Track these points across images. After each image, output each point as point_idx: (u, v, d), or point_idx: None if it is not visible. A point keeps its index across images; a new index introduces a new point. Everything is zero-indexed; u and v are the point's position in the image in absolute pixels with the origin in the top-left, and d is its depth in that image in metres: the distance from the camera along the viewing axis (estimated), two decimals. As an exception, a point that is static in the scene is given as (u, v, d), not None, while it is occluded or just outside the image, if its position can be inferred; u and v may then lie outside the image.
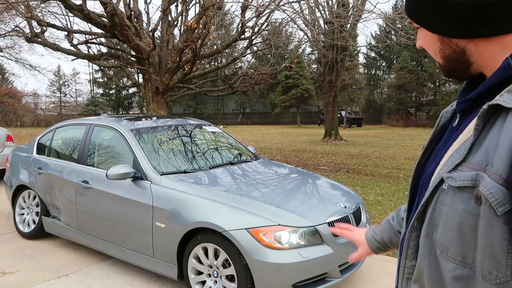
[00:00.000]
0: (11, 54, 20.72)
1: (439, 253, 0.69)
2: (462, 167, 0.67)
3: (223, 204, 2.82)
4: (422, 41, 0.82)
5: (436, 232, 0.70)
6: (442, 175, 0.69)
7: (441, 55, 0.79)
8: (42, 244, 4.23)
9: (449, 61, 0.78)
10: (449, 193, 0.68)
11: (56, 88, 42.99)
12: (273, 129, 30.02)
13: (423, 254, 0.72)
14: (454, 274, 0.66)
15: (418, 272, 0.73)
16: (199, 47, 6.94)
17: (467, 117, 0.77)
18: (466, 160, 0.67)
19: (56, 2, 7.90)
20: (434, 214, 0.70)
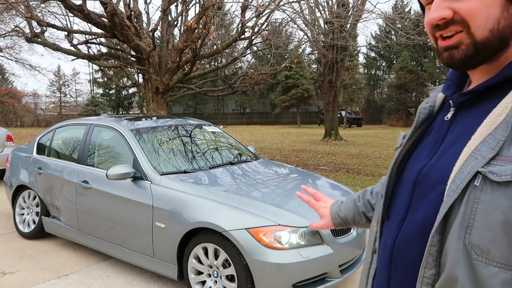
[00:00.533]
0: (11, 54, 20.74)
1: (475, 257, 0.62)
2: (498, 161, 0.62)
3: (223, 204, 2.82)
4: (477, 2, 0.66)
5: (469, 234, 0.63)
6: (478, 169, 0.63)
7: (491, 27, 0.66)
8: (42, 244, 4.23)
9: (494, 38, 0.67)
10: (485, 190, 0.62)
11: (56, 88, 43.00)
12: (273, 129, 30.03)
13: (455, 261, 0.63)
14: (498, 279, 0.60)
15: (449, 281, 0.64)
16: (199, 47, 6.94)
17: (468, 110, 0.74)
18: (500, 154, 0.62)
19: (56, 2, 7.90)
20: (466, 214, 0.63)
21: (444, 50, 0.72)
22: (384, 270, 0.80)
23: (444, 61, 0.73)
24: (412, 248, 0.72)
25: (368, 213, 1.11)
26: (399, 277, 0.75)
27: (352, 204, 1.14)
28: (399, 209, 0.79)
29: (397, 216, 0.79)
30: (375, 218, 0.89)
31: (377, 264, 0.84)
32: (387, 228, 0.82)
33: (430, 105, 0.84)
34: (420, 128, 0.84)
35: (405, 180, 0.80)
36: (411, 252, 0.72)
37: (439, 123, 0.80)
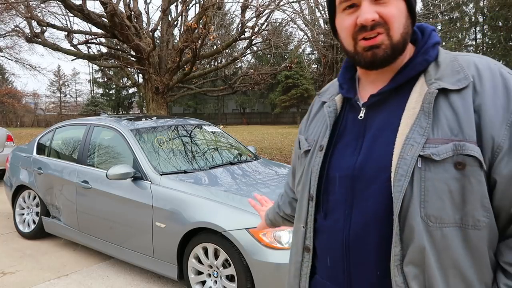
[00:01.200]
0: (11, 54, 20.74)
1: (431, 225, 0.73)
2: (430, 144, 0.74)
3: (223, 204, 2.82)
4: (396, 10, 0.78)
5: (423, 208, 0.73)
6: (420, 153, 0.73)
7: (402, 31, 0.80)
8: (42, 244, 4.23)
9: (402, 41, 0.80)
10: (427, 169, 0.73)
11: (56, 88, 43.02)
12: (273, 129, 30.03)
13: (420, 233, 0.73)
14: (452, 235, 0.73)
15: (418, 251, 0.73)
16: (199, 47, 6.94)
17: (377, 107, 0.84)
18: (429, 138, 0.74)
19: (56, 2, 7.90)
20: (419, 192, 0.73)
21: (367, 50, 0.80)
22: (338, 263, 0.85)
23: (368, 59, 0.81)
24: (371, 235, 0.79)
25: (279, 212, 1.25)
26: (361, 264, 0.81)
27: (273, 206, 1.29)
28: (337, 205, 0.85)
29: (338, 213, 0.85)
30: (301, 220, 0.94)
31: (319, 260, 0.90)
32: (329, 226, 0.87)
33: (333, 108, 0.92)
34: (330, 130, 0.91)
35: (334, 178, 0.86)
36: (370, 239, 0.79)
37: (351, 122, 0.88)
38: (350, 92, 0.91)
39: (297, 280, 0.95)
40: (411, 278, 0.74)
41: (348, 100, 0.92)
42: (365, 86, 0.90)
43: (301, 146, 0.99)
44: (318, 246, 0.90)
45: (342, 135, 0.89)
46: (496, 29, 22.73)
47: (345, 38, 0.84)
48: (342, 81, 0.94)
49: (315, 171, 0.90)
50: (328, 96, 0.98)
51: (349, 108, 0.91)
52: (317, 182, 0.89)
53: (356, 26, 0.80)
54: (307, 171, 0.93)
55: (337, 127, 0.91)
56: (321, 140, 0.92)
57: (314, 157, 0.92)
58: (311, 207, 0.91)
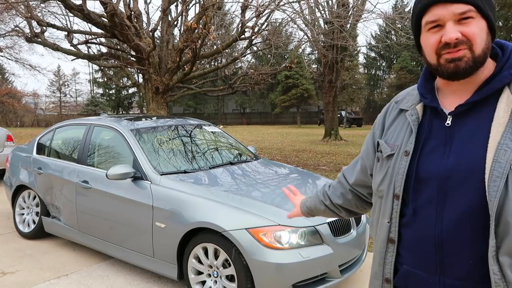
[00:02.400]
0: (11, 54, 20.73)
1: None
2: None
3: (223, 204, 2.82)
4: (477, 29, 0.88)
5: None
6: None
7: (483, 47, 0.90)
8: (42, 244, 4.23)
9: (483, 55, 0.90)
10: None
11: (56, 88, 42.97)
12: (273, 129, 30.02)
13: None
14: None
15: None
16: (199, 47, 6.94)
17: (464, 116, 0.93)
18: None
19: (56, 2, 7.90)
20: (511, 192, 0.83)
21: (450, 62, 0.90)
22: (430, 254, 0.94)
23: (451, 70, 0.91)
24: (463, 229, 0.89)
25: (325, 201, 1.37)
26: (455, 255, 0.91)
27: (315, 195, 1.43)
28: (428, 203, 0.95)
29: (429, 209, 0.94)
30: (385, 216, 1.04)
31: (407, 252, 1.00)
32: (419, 221, 0.96)
33: (416, 117, 1.02)
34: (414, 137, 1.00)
35: (425, 179, 0.95)
36: (463, 232, 0.89)
37: (437, 129, 0.97)
38: (434, 101, 0.99)
39: (381, 267, 1.06)
40: (507, 266, 0.84)
41: (432, 109, 1.01)
42: (447, 95, 1.00)
43: (383, 150, 1.08)
44: (406, 239, 1.00)
45: (427, 141, 0.98)
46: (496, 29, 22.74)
47: (429, 54, 0.95)
48: (423, 91, 1.03)
49: (401, 173, 1.00)
50: (407, 105, 1.07)
51: (433, 116, 1.00)
52: (404, 183, 0.99)
53: (440, 43, 0.91)
54: (392, 173, 1.03)
55: (421, 133, 1.00)
56: (405, 145, 1.01)
57: (399, 161, 1.01)
58: (396, 205, 1.01)
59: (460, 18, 0.88)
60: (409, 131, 1.02)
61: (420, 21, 0.96)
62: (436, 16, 0.91)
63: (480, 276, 0.88)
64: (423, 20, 0.95)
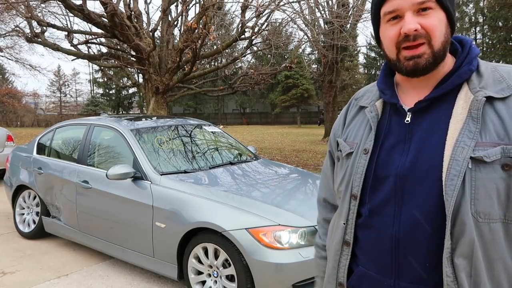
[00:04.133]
0: (11, 54, 20.74)
1: (480, 221, 0.80)
2: (479, 147, 0.81)
3: (223, 204, 2.82)
4: (437, 21, 0.85)
5: (474, 205, 0.80)
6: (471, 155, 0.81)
7: (442, 40, 0.87)
8: (42, 244, 4.23)
9: (443, 49, 0.87)
10: (478, 170, 0.81)
11: (56, 88, 43.01)
12: (273, 129, 30.01)
13: (471, 227, 0.80)
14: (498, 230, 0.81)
15: (468, 244, 0.80)
16: (199, 47, 6.94)
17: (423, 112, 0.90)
18: (478, 141, 0.81)
19: (56, 2, 7.90)
20: (470, 191, 0.81)
21: (409, 59, 0.87)
22: (386, 255, 0.90)
23: (410, 68, 0.88)
24: (421, 229, 0.86)
25: None
26: (410, 256, 0.87)
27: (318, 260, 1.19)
28: (385, 203, 0.91)
29: (387, 209, 0.90)
30: (341, 217, 1.00)
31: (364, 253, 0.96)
32: (376, 222, 0.92)
33: (375, 113, 0.99)
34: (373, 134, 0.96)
35: (383, 178, 0.92)
36: (420, 233, 0.86)
37: (396, 126, 0.94)
38: (393, 97, 0.97)
39: (335, 271, 1.01)
40: (461, 269, 0.81)
41: (390, 105, 0.98)
42: (406, 91, 0.97)
43: (342, 149, 1.04)
44: (363, 240, 0.96)
45: (386, 138, 0.95)
46: (496, 29, 22.72)
47: (388, 47, 0.91)
48: (383, 87, 1.00)
49: (359, 172, 0.96)
50: (367, 101, 1.03)
51: (392, 113, 0.97)
52: (362, 183, 0.95)
53: (399, 36, 0.87)
54: (351, 172, 0.98)
55: (380, 131, 0.97)
56: (364, 143, 0.97)
57: (358, 159, 0.97)
58: (353, 205, 0.97)
59: (419, 8, 0.85)
60: (368, 128, 0.98)
61: (379, 12, 0.93)
62: (394, 6, 0.87)
63: (436, 280, 0.84)
64: (381, 11, 0.92)
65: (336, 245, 1.01)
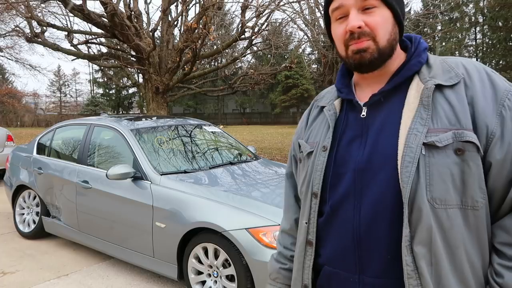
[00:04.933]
0: (11, 54, 20.76)
1: (437, 207, 0.80)
2: (431, 133, 0.82)
3: (223, 204, 2.82)
4: (380, 19, 0.87)
5: (429, 191, 0.80)
6: (424, 141, 0.81)
7: (388, 37, 0.88)
8: (42, 244, 4.23)
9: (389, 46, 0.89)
10: (432, 155, 0.81)
11: (56, 88, 43.03)
12: (273, 129, 30.02)
13: (428, 214, 0.79)
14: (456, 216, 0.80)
15: (426, 231, 0.79)
16: (199, 47, 6.94)
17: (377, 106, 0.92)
18: (429, 128, 0.82)
19: (56, 2, 7.90)
20: (425, 177, 0.80)
21: (356, 53, 0.89)
22: (349, 251, 0.90)
23: (356, 61, 0.90)
24: (380, 221, 0.85)
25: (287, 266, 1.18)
26: (372, 249, 0.87)
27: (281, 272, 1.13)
28: (345, 198, 0.91)
29: (347, 205, 0.90)
30: (304, 217, 1.00)
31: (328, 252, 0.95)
32: (337, 218, 0.92)
33: (333, 112, 1.00)
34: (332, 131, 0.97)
35: (342, 173, 0.92)
36: (380, 225, 0.85)
37: (353, 121, 0.95)
38: (349, 94, 0.98)
39: (300, 272, 1.00)
40: (420, 257, 0.80)
41: (348, 102, 0.99)
42: (363, 89, 0.98)
43: (303, 149, 1.05)
44: (326, 238, 0.96)
45: (344, 134, 0.96)
46: (496, 29, 22.71)
47: (338, 45, 0.94)
48: (340, 86, 1.02)
49: (319, 169, 0.96)
50: (326, 101, 1.05)
51: (349, 109, 0.98)
52: (322, 180, 0.95)
53: (346, 34, 0.89)
54: (311, 171, 0.98)
55: (338, 128, 0.98)
56: (323, 141, 0.98)
57: (317, 157, 0.98)
58: (314, 203, 0.97)
59: (364, 7, 0.87)
60: (327, 127, 0.99)
61: (328, 11, 0.95)
62: (339, 2, 0.90)
63: (399, 272, 0.82)
64: (329, 9, 0.94)
65: (301, 245, 1.00)
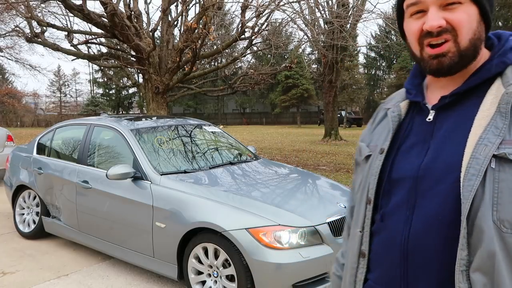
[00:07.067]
0: (11, 54, 20.78)
1: (505, 230, 0.69)
2: (505, 145, 0.71)
3: (223, 204, 2.82)
4: (465, 16, 0.77)
5: (496, 211, 0.69)
6: (495, 153, 0.71)
7: (471, 37, 0.78)
8: (42, 244, 4.23)
9: (471, 47, 0.79)
10: (502, 170, 0.70)
11: (56, 88, 43.03)
12: (273, 129, 30.02)
13: (490, 237, 0.69)
14: None
15: (487, 257, 0.69)
16: (199, 47, 6.94)
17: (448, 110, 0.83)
18: (504, 139, 0.72)
19: (56, 2, 7.90)
20: (491, 193, 0.70)
21: (433, 58, 0.80)
22: (394, 267, 0.81)
23: (434, 67, 0.81)
24: (433, 237, 0.76)
25: None
26: (420, 268, 0.77)
27: (335, 278, 1.11)
28: (398, 207, 0.82)
29: (398, 214, 0.82)
30: (357, 225, 0.92)
31: (373, 265, 0.87)
32: (386, 228, 0.84)
33: (397, 113, 0.92)
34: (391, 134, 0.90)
35: (398, 180, 0.84)
36: (432, 241, 0.76)
37: (418, 125, 0.87)
38: (418, 96, 0.89)
39: (352, 286, 0.92)
40: (479, 285, 0.69)
41: (416, 104, 0.90)
42: (434, 91, 0.88)
43: (362, 152, 0.98)
44: (373, 249, 0.88)
45: (406, 138, 0.87)
46: (496, 29, 22.75)
47: (412, 43, 0.85)
48: (410, 87, 0.93)
49: (374, 174, 0.88)
50: (393, 103, 0.97)
51: (416, 112, 0.89)
52: (376, 185, 0.88)
53: (422, 32, 0.80)
54: (367, 176, 0.91)
55: (401, 131, 0.89)
56: (382, 144, 0.91)
57: (374, 161, 0.90)
58: (368, 210, 0.89)
59: (446, 3, 0.77)
60: (388, 129, 0.92)
61: (402, 4, 0.86)
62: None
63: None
64: (404, 3, 0.85)
65: (353, 257, 0.92)
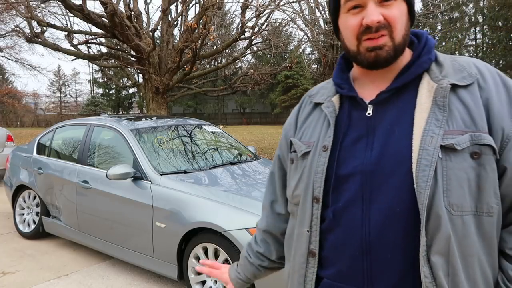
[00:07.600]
0: (11, 54, 20.78)
1: (453, 213, 0.76)
2: (447, 135, 0.77)
3: (223, 204, 2.82)
4: (399, 13, 0.81)
5: (446, 197, 0.75)
6: (441, 143, 0.76)
7: (403, 33, 0.83)
8: (42, 244, 4.23)
9: (403, 42, 0.84)
10: (449, 159, 0.76)
11: (56, 88, 43.05)
12: (273, 129, 30.01)
13: (446, 221, 0.75)
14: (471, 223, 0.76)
15: (444, 239, 0.75)
16: (199, 47, 6.94)
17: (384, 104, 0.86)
18: (446, 130, 0.78)
19: (56, 2, 7.90)
20: (442, 181, 0.76)
21: (370, 51, 0.83)
22: (356, 262, 0.83)
23: (371, 59, 0.83)
24: (393, 228, 0.79)
25: (263, 263, 1.19)
26: (384, 259, 0.80)
27: (245, 262, 1.18)
28: (351, 203, 0.83)
29: (354, 210, 0.83)
30: (304, 225, 0.91)
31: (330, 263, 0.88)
32: (342, 225, 0.85)
33: (333, 109, 0.92)
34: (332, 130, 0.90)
35: (347, 176, 0.85)
36: (393, 232, 0.79)
37: (357, 120, 0.88)
38: (351, 91, 0.91)
39: (301, 287, 0.92)
40: (438, 267, 0.75)
41: (349, 99, 0.92)
42: (364, 85, 0.92)
43: (297, 149, 0.96)
44: (328, 247, 0.88)
45: (347, 134, 0.88)
46: (496, 29, 22.72)
47: (349, 38, 0.86)
48: (340, 81, 0.95)
49: (320, 171, 0.88)
50: (323, 98, 0.97)
51: (352, 107, 0.91)
52: (324, 183, 0.87)
53: (361, 27, 0.82)
54: (309, 173, 0.90)
55: (339, 126, 0.90)
56: (322, 140, 0.90)
57: (316, 158, 0.90)
58: (316, 209, 0.88)
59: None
60: (326, 125, 0.91)
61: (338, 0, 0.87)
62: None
63: (413, 284, 0.77)
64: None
65: (301, 257, 0.92)
